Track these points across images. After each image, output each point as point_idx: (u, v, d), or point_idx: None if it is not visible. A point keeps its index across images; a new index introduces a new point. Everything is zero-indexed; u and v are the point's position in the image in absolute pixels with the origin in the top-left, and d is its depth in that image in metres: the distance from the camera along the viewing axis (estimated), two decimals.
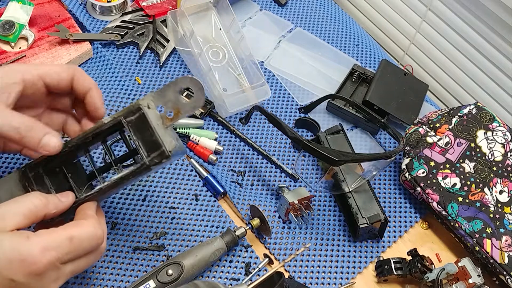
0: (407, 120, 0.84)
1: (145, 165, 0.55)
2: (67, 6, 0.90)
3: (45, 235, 0.50)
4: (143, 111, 0.55)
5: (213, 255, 0.66)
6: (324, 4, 1.03)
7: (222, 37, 0.87)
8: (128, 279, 0.66)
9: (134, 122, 0.55)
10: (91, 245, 0.53)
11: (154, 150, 0.55)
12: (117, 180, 0.56)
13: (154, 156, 0.55)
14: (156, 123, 0.55)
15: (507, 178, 0.76)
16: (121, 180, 0.56)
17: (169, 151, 0.54)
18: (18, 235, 0.49)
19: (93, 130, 0.57)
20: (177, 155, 0.57)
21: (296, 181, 0.78)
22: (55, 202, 0.55)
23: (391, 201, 0.78)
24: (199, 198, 0.74)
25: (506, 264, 0.70)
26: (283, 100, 0.87)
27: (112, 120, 0.57)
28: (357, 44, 0.97)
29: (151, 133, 0.55)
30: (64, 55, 0.83)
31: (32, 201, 0.53)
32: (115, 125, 0.57)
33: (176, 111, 0.55)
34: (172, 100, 0.55)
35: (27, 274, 0.48)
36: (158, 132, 0.55)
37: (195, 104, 0.55)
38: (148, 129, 0.55)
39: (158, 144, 0.54)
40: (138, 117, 0.55)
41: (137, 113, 0.55)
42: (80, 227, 0.53)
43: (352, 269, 0.71)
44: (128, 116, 0.56)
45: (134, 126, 0.56)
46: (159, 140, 0.54)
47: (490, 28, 0.84)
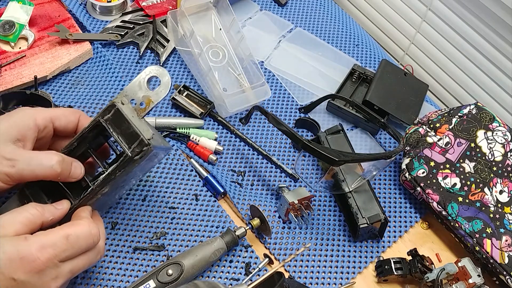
0: (407, 120, 0.84)
1: (127, 156, 0.57)
2: (67, 6, 0.90)
3: (42, 235, 0.53)
4: (117, 107, 0.57)
5: (213, 255, 0.66)
6: (324, 4, 1.03)
7: (222, 37, 0.87)
8: (128, 279, 0.66)
9: (111, 119, 0.58)
10: (87, 243, 0.55)
11: (134, 140, 0.57)
12: (105, 177, 0.58)
13: (135, 146, 0.57)
14: (131, 116, 0.58)
15: (507, 178, 0.76)
16: (109, 176, 0.58)
17: (148, 139, 0.56)
18: (17, 237, 0.52)
19: (77, 136, 0.59)
20: (160, 149, 0.59)
21: (296, 181, 0.78)
22: (51, 210, 0.57)
23: (391, 201, 0.78)
24: (199, 198, 0.74)
25: (506, 264, 0.70)
26: (283, 100, 0.87)
27: (91, 122, 0.59)
28: (357, 44, 0.97)
29: (128, 126, 0.57)
30: (64, 55, 0.83)
31: (29, 210, 0.55)
32: (95, 126, 0.59)
33: (147, 101, 0.59)
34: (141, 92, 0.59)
35: (27, 272, 0.50)
36: (134, 123, 0.57)
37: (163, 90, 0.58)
38: (125, 123, 0.57)
39: (136, 134, 0.57)
40: (114, 113, 0.58)
41: (112, 110, 0.58)
42: (75, 226, 0.55)
43: (352, 269, 0.71)
44: (105, 115, 0.58)
45: (111, 123, 0.58)
46: (136, 130, 0.57)
47: (490, 28, 0.84)
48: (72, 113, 0.62)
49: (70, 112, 0.62)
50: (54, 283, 0.52)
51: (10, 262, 0.50)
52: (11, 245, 0.50)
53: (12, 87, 0.78)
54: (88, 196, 0.59)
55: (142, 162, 0.58)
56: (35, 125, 0.59)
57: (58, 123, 0.61)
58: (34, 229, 0.54)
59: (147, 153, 0.57)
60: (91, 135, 0.60)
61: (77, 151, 0.61)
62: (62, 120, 0.61)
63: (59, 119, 0.61)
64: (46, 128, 0.60)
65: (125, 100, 0.58)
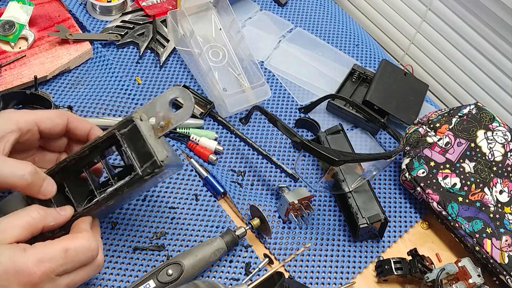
0: (407, 120, 0.84)
1: (138, 175, 0.56)
2: (67, 6, 0.90)
3: (40, 248, 0.52)
4: (135, 123, 0.56)
5: (213, 255, 0.66)
6: (324, 4, 1.03)
7: (222, 37, 0.87)
8: (128, 279, 0.66)
9: (127, 134, 0.57)
10: (86, 257, 0.54)
11: (147, 160, 0.56)
12: (112, 192, 0.57)
13: (147, 166, 0.56)
14: (148, 134, 0.56)
15: (507, 178, 0.76)
16: (116, 192, 0.57)
17: (161, 161, 0.55)
18: (15, 247, 0.51)
19: (89, 144, 0.58)
20: (172, 167, 0.58)
21: (296, 181, 0.78)
22: (53, 215, 0.56)
23: (391, 201, 0.78)
24: (199, 198, 0.74)
25: (506, 264, 0.70)
26: (283, 100, 0.87)
27: (106, 133, 0.58)
28: (357, 44, 0.97)
29: (143, 144, 0.56)
30: (64, 55, 0.83)
31: (30, 214, 0.54)
32: (110, 138, 0.58)
33: (166, 121, 0.57)
34: (163, 111, 0.57)
35: (23, 285, 0.50)
36: (150, 142, 0.56)
37: (184, 114, 0.56)
38: (140, 140, 0.56)
39: (150, 154, 0.55)
40: (131, 129, 0.56)
41: (130, 125, 0.57)
42: (74, 240, 0.54)
43: (352, 269, 0.71)
44: (121, 129, 0.57)
45: (127, 138, 0.57)
46: (151, 150, 0.55)
47: (490, 28, 0.84)
48: (58, 116, 0.61)
49: (56, 114, 0.61)
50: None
51: (6, 274, 0.49)
52: (8, 256, 0.50)
53: (12, 87, 0.78)
54: (93, 207, 0.58)
55: (152, 180, 0.57)
56: (18, 128, 0.57)
57: (43, 126, 0.60)
58: (35, 233, 0.54)
59: (158, 174, 0.56)
60: (104, 146, 0.59)
61: (88, 159, 0.60)
62: (47, 123, 0.60)
63: (44, 122, 0.60)
64: (29, 131, 0.59)
65: (144, 116, 0.57)
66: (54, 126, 0.60)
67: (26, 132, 0.59)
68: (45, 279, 0.51)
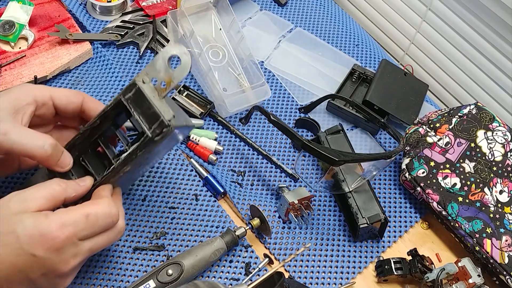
0: (407, 120, 0.84)
1: (148, 137, 0.57)
2: (67, 6, 0.90)
3: (62, 213, 0.53)
4: (138, 86, 0.57)
5: (213, 255, 0.66)
6: (324, 4, 1.03)
7: (222, 37, 0.87)
8: (128, 279, 0.66)
9: (132, 98, 0.58)
10: (106, 222, 0.55)
11: (154, 121, 0.57)
12: (126, 157, 0.58)
13: (155, 127, 0.56)
14: (152, 96, 0.57)
15: (507, 178, 0.76)
16: (130, 156, 0.58)
17: (168, 120, 0.56)
18: (38, 214, 0.52)
19: (99, 114, 0.60)
20: (182, 127, 0.59)
21: (296, 181, 0.78)
22: (74, 186, 0.57)
23: (391, 201, 0.78)
24: (199, 198, 0.74)
25: (506, 264, 0.70)
26: (283, 100, 0.87)
27: (114, 100, 0.59)
28: (357, 44, 0.97)
29: (149, 106, 0.57)
30: (64, 55, 0.83)
31: (52, 185, 0.55)
32: (117, 104, 0.59)
33: (168, 80, 0.57)
34: (163, 71, 0.58)
35: (47, 248, 0.51)
36: (155, 103, 0.57)
37: (183, 69, 0.57)
38: (146, 103, 0.57)
39: (156, 115, 0.56)
40: (135, 92, 0.58)
41: (133, 89, 0.58)
42: (95, 205, 0.55)
43: (352, 269, 0.71)
44: (126, 94, 0.58)
45: (133, 102, 0.58)
46: (157, 111, 0.56)
47: (490, 28, 0.84)
48: (74, 94, 0.62)
49: (72, 93, 0.63)
50: (73, 260, 0.53)
51: (31, 239, 0.50)
52: (32, 222, 0.51)
53: (12, 87, 0.77)
54: (111, 174, 0.59)
55: (164, 142, 0.58)
56: (34, 100, 0.59)
57: (58, 101, 0.61)
58: (57, 204, 0.55)
59: (168, 134, 0.57)
60: (114, 113, 0.60)
61: (101, 128, 0.61)
62: (62, 99, 0.61)
63: (59, 98, 0.61)
64: (45, 105, 0.60)
65: (146, 78, 0.58)
66: (68, 103, 0.62)
67: (41, 105, 0.60)
68: (68, 243, 0.52)
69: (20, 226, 0.51)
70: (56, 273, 0.53)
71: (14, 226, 0.51)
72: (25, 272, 0.52)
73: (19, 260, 0.51)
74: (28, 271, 0.52)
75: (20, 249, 0.51)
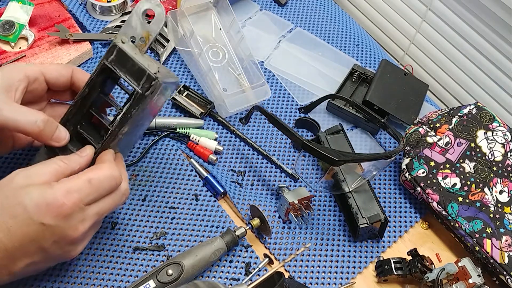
0: (407, 120, 0.84)
1: (138, 93, 0.58)
2: (67, 6, 0.90)
3: (66, 181, 0.55)
4: (118, 47, 0.58)
5: (213, 255, 0.66)
6: (324, 4, 1.03)
7: (222, 37, 0.87)
8: (128, 279, 0.66)
9: (115, 60, 0.59)
10: (110, 185, 0.57)
11: (141, 77, 0.58)
12: (122, 117, 0.59)
13: (143, 82, 0.58)
14: (133, 53, 0.59)
15: (507, 178, 0.76)
16: (125, 116, 0.59)
17: (154, 73, 0.57)
18: (43, 185, 0.54)
19: (87, 82, 0.61)
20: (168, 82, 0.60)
21: (296, 181, 0.78)
22: (76, 160, 0.58)
23: (391, 201, 0.78)
24: (199, 198, 0.74)
25: (506, 264, 0.70)
26: (283, 100, 0.87)
27: (97, 67, 0.60)
28: (357, 44, 0.97)
29: (133, 63, 0.58)
30: (64, 55, 0.83)
31: (56, 162, 0.57)
32: (102, 70, 0.60)
33: (146, 35, 0.59)
34: (139, 27, 0.59)
35: (55, 216, 0.52)
36: (138, 59, 0.58)
37: (158, 21, 0.59)
38: (129, 61, 0.58)
39: (142, 70, 0.58)
40: (117, 53, 0.59)
41: (114, 50, 0.59)
42: (97, 170, 0.57)
43: (352, 269, 0.71)
44: (108, 57, 0.59)
45: (116, 63, 0.59)
46: (142, 66, 0.58)
47: (490, 28, 0.84)
48: (63, 68, 0.64)
49: (61, 66, 0.64)
50: (82, 225, 0.55)
51: (38, 208, 0.52)
52: (37, 192, 0.52)
53: None
54: (109, 138, 0.60)
55: (155, 97, 0.59)
56: (25, 76, 0.60)
57: (49, 75, 0.62)
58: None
59: (157, 87, 0.58)
60: (100, 79, 0.61)
61: (91, 97, 0.62)
62: (53, 73, 0.63)
63: (50, 72, 0.63)
64: (36, 80, 0.62)
65: (124, 38, 0.59)
66: (59, 76, 0.63)
67: (33, 81, 0.61)
68: (75, 209, 0.53)
69: (27, 197, 0.52)
70: (67, 240, 0.54)
71: (21, 198, 0.52)
72: (37, 241, 0.53)
73: (29, 230, 0.52)
74: (39, 240, 0.53)
75: (29, 219, 0.52)
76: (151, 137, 0.79)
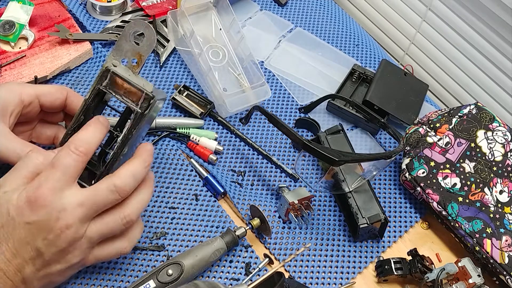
0: (407, 120, 0.84)
1: (138, 113, 0.59)
2: (67, 6, 0.90)
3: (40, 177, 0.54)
4: (112, 71, 0.59)
5: (213, 255, 0.66)
6: (324, 4, 1.03)
7: (222, 37, 0.87)
8: (128, 279, 0.66)
9: (110, 83, 0.60)
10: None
11: (139, 97, 0.59)
12: (123, 138, 0.60)
13: (141, 102, 0.59)
14: (128, 75, 0.59)
15: (507, 178, 0.76)
16: (127, 136, 0.60)
17: (151, 91, 0.59)
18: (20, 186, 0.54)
19: (81, 109, 0.61)
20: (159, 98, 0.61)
21: (296, 181, 0.78)
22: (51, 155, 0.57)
23: (391, 201, 0.78)
24: (199, 198, 0.74)
25: (506, 264, 0.70)
26: (283, 100, 0.87)
27: (92, 91, 0.60)
28: (357, 44, 0.97)
29: (129, 85, 0.59)
30: (64, 55, 0.83)
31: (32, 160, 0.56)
32: (96, 95, 0.61)
33: (138, 56, 0.60)
34: (130, 49, 0.60)
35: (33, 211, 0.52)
36: (133, 81, 0.59)
37: (150, 41, 0.59)
38: (124, 83, 0.59)
39: (139, 90, 0.59)
40: (111, 77, 0.59)
41: (108, 75, 0.59)
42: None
43: (352, 269, 0.71)
44: (102, 82, 0.60)
45: (112, 87, 0.60)
46: (138, 87, 0.59)
47: (490, 28, 0.84)
48: (58, 90, 0.64)
49: (56, 89, 0.64)
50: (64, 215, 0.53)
51: (19, 209, 0.52)
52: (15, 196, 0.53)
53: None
54: (112, 161, 0.60)
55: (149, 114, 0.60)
56: (20, 100, 0.61)
57: (44, 99, 0.63)
58: None
59: (154, 105, 0.59)
60: (94, 104, 0.62)
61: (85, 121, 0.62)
62: (48, 97, 0.63)
63: (45, 96, 0.63)
64: (31, 104, 0.62)
65: (115, 62, 0.60)
66: (54, 100, 0.64)
67: (28, 104, 0.62)
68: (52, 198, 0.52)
69: (9, 204, 0.53)
70: (54, 234, 0.53)
71: (3, 207, 0.53)
72: (29, 243, 0.53)
73: (19, 233, 0.52)
74: (30, 241, 0.53)
75: (14, 222, 0.52)
76: (151, 137, 0.79)
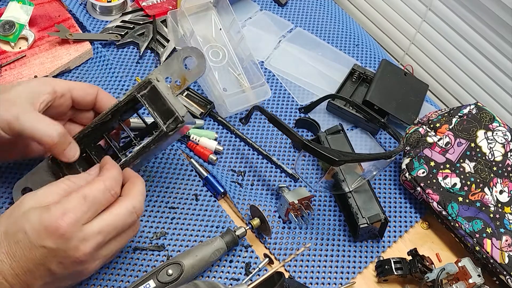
0: (407, 120, 0.84)
1: (163, 131, 0.60)
2: (67, 6, 0.90)
3: (63, 201, 0.54)
4: (153, 84, 0.60)
5: (213, 255, 0.66)
6: (324, 4, 1.03)
7: (222, 37, 0.87)
8: (128, 279, 0.66)
9: (147, 95, 0.61)
10: (105, 198, 0.56)
11: (169, 117, 0.60)
12: (139, 150, 0.61)
13: (170, 122, 0.60)
14: (167, 93, 0.60)
15: (507, 178, 0.76)
16: (143, 149, 0.61)
17: (182, 116, 0.59)
18: (42, 208, 0.53)
19: (112, 108, 0.62)
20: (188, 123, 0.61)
21: (296, 181, 0.78)
22: (84, 177, 0.59)
23: (391, 201, 0.78)
24: (199, 198, 0.74)
25: (506, 264, 0.70)
26: (283, 100, 0.87)
27: (127, 96, 0.61)
28: (357, 44, 0.97)
29: (164, 103, 0.60)
30: (64, 55, 0.83)
31: (65, 182, 0.57)
32: (130, 100, 0.61)
33: (182, 79, 0.61)
34: (177, 70, 0.61)
35: (53, 239, 0.52)
36: (170, 100, 0.60)
37: (199, 70, 0.61)
38: (160, 99, 0.60)
39: (171, 111, 0.60)
40: (150, 90, 0.60)
41: (148, 87, 0.60)
42: (91, 185, 0.56)
43: (352, 269, 0.71)
44: (141, 91, 0.61)
45: (147, 98, 0.61)
46: (172, 108, 0.60)
47: (490, 28, 0.84)
48: (90, 87, 0.65)
49: (88, 85, 0.65)
50: (83, 245, 0.53)
51: (37, 233, 0.52)
52: (36, 217, 0.52)
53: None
54: (122, 166, 0.61)
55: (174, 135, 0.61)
56: (53, 91, 0.61)
57: (76, 93, 0.63)
58: None
59: (180, 129, 0.60)
60: (124, 109, 0.62)
61: (110, 124, 0.63)
62: (80, 91, 0.64)
63: (77, 90, 0.64)
64: (63, 96, 0.62)
65: (160, 77, 0.61)
66: (85, 95, 0.64)
67: (60, 96, 0.62)
68: (73, 229, 0.53)
69: (27, 222, 0.52)
70: (71, 260, 0.53)
71: (22, 224, 0.53)
72: (42, 264, 0.53)
73: (34, 254, 0.52)
74: (45, 263, 0.53)
75: (30, 244, 0.52)
76: None
